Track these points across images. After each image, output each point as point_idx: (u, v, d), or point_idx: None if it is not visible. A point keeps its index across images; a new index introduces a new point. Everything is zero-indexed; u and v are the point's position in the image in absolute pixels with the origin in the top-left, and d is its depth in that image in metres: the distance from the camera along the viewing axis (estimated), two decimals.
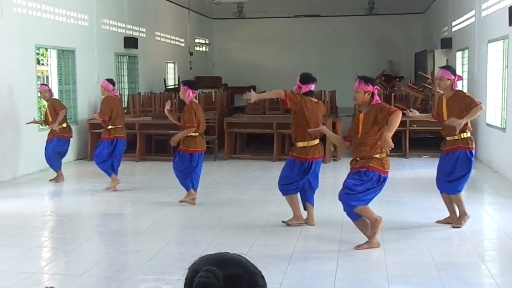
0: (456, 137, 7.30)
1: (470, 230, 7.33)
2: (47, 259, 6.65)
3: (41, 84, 11.32)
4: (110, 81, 10.22)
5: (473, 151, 7.34)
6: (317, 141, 7.50)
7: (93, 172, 12.05)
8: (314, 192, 7.74)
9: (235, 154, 13.89)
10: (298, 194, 7.69)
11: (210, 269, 1.47)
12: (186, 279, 1.53)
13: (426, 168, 11.65)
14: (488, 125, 12.50)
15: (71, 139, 11.03)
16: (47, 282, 5.84)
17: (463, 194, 7.45)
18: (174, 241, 7.13)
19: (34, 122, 10.94)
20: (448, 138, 7.39)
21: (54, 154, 10.74)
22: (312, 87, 7.43)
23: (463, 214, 7.46)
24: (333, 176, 11.58)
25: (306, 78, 7.40)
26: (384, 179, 6.45)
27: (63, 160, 11.08)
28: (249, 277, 1.52)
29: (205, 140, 8.99)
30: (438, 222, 7.64)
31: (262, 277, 1.55)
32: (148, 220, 8.17)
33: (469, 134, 7.32)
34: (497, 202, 9.11)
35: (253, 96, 7.46)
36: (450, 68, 7.59)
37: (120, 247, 6.91)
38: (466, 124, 7.22)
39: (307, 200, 7.70)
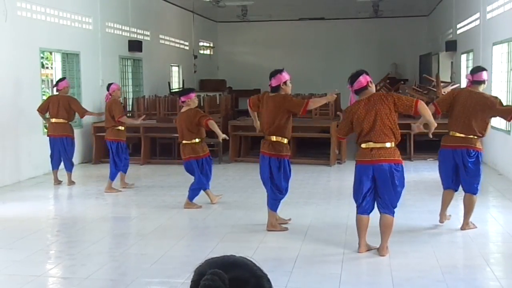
0: None
1: (475, 233, 7.32)
2: (52, 262, 6.65)
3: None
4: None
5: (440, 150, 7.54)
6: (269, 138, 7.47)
7: (98, 176, 12.09)
8: (273, 194, 7.53)
9: (240, 157, 13.89)
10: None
11: (216, 272, 1.47)
12: (192, 281, 1.53)
13: (430, 171, 11.62)
14: (493, 127, 12.40)
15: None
16: (52, 285, 5.85)
17: (444, 194, 7.64)
18: (179, 244, 7.13)
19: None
20: None
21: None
22: (272, 82, 7.46)
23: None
24: (337, 179, 11.58)
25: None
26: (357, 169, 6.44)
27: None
28: (255, 280, 1.51)
29: (188, 149, 8.88)
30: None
31: (268, 280, 1.55)
32: (153, 223, 8.18)
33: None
34: (502, 205, 9.09)
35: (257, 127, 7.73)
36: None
37: (125, 250, 6.92)
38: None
39: None
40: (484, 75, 7.38)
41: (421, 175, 11.61)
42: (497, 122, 12.25)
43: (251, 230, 7.65)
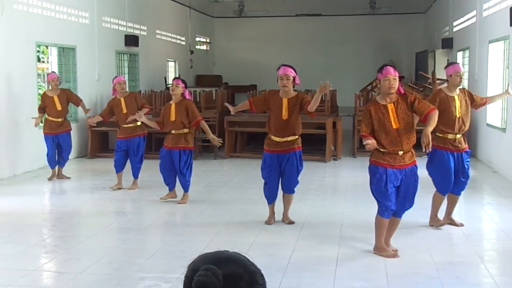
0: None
1: (470, 230, 7.35)
2: (47, 256, 6.64)
3: (53, 72, 11.42)
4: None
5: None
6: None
7: (93, 170, 12.08)
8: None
9: (236, 152, 13.89)
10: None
11: (209, 267, 1.47)
12: (185, 277, 1.53)
13: (425, 168, 11.61)
14: (488, 125, 12.50)
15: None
16: (46, 280, 5.85)
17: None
18: (174, 239, 7.13)
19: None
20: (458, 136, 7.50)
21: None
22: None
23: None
24: (333, 175, 11.57)
25: None
26: None
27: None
28: (248, 275, 1.51)
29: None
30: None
31: (262, 275, 1.55)
32: (148, 218, 8.18)
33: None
34: (497, 202, 9.11)
35: (231, 109, 7.83)
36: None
37: (120, 245, 6.92)
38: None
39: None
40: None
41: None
42: (492, 119, 12.28)
43: (246, 226, 7.65)
